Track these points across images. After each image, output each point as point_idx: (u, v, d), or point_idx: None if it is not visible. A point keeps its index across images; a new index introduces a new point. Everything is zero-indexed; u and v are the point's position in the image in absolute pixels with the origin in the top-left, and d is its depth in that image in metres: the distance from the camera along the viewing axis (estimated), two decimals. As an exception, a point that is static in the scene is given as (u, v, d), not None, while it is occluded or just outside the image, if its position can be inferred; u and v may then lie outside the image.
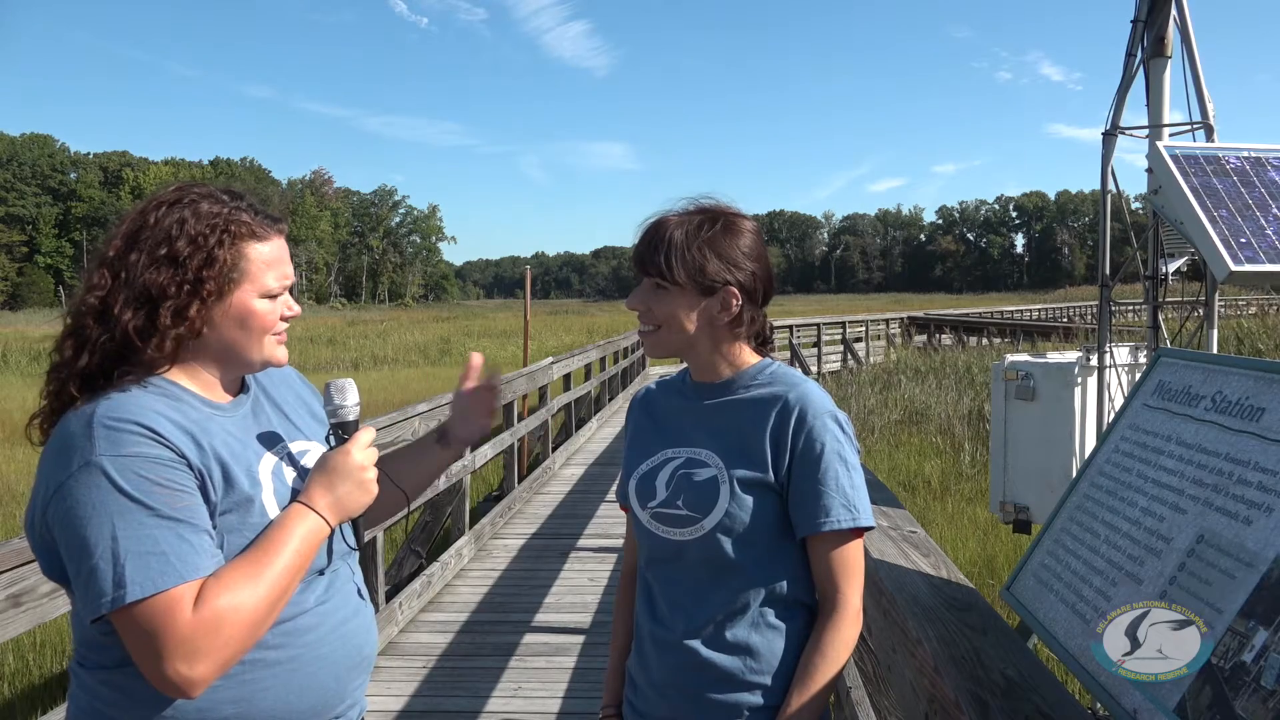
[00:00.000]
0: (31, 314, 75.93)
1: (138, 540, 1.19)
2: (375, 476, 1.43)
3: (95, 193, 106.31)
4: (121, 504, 1.20)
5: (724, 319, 1.52)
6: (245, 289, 1.36)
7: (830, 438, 1.48)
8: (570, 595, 5.57)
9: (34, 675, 5.07)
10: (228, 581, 1.23)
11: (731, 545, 1.47)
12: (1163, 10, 5.32)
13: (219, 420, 1.36)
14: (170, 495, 1.23)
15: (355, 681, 1.47)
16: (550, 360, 9.94)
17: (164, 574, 1.19)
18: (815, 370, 20.50)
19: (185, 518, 1.23)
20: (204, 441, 1.30)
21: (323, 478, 1.37)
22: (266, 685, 1.32)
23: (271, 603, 1.26)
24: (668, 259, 1.48)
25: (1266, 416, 1.51)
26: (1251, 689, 1.21)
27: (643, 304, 1.53)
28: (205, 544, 1.24)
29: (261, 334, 1.39)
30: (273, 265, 1.39)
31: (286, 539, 1.30)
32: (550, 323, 47.18)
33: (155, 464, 1.23)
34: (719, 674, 1.47)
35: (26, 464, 11.76)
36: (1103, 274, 5.81)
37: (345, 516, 1.40)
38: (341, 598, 1.45)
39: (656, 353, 1.56)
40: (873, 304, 79.70)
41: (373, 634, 1.53)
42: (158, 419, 1.26)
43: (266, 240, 1.39)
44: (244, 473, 1.33)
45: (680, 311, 1.50)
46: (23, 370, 26.89)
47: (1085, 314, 35.70)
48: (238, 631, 1.21)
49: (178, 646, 1.18)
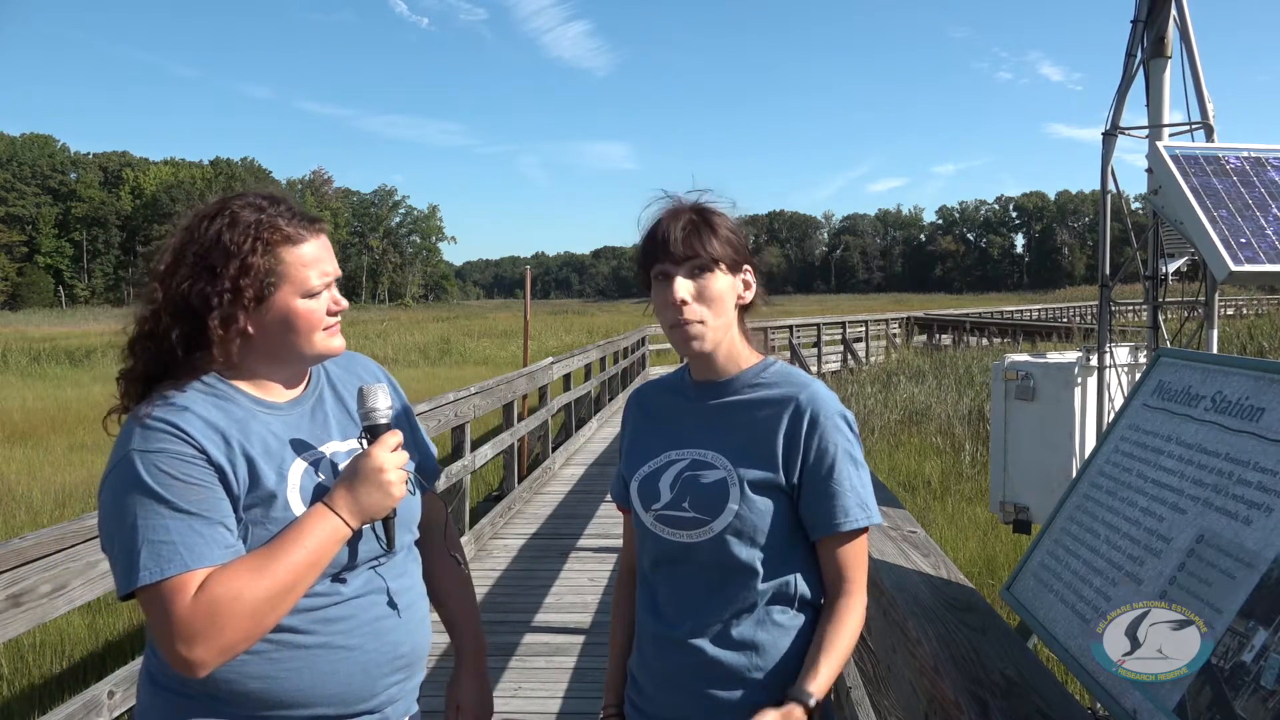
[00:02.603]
0: (31, 314, 75.96)
1: (153, 529, 1.29)
2: (401, 479, 1.44)
3: (95, 193, 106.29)
4: (143, 495, 1.30)
5: (748, 298, 1.54)
6: (286, 291, 1.42)
7: (841, 438, 1.49)
8: (570, 595, 5.57)
9: (34, 675, 5.07)
10: (232, 573, 1.30)
11: (740, 546, 1.46)
12: (1163, 10, 5.31)
13: (264, 419, 1.44)
14: (186, 489, 1.31)
15: (390, 679, 1.49)
16: (550, 360, 9.94)
17: (170, 562, 1.28)
18: (815, 370, 20.50)
19: (198, 511, 1.31)
20: (234, 439, 1.38)
21: (345, 480, 1.42)
22: (291, 666, 1.39)
23: (274, 595, 1.32)
24: (703, 238, 1.46)
25: (1266, 416, 1.51)
26: (1251, 689, 1.21)
27: (688, 293, 1.47)
28: (217, 535, 1.32)
29: (309, 332, 1.45)
30: (311, 264, 1.44)
31: (300, 537, 1.35)
32: (550, 323, 47.16)
33: (176, 459, 1.32)
34: (724, 671, 1.47)
35: (26, 464, 11.76)
36: (1103, 274, 5.81)
37: (367, 518, 1.42)
38: (384, 595, 1.49)
39: (709, 346, 1.50)
40: (873, 304, 79.71)
41: (416, 636, 1.55)
42: (190, 418, 1.36)
43: (303, 241, 1.44)
44: (273, 470, 1.39)
45: (724, 293, 1.49)
46: (23, 370, 26.85)
47: (1085, 314, 35.71)
48: (235, 620, 1.28)
49: (178, 629, 1.27)
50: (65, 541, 2.33)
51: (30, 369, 27.01)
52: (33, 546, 2.23)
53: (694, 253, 1.46)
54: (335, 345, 1.49)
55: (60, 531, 2.35)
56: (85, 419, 15.93)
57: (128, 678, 2.61)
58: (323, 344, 1.47)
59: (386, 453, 1.44)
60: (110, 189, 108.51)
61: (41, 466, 11.56)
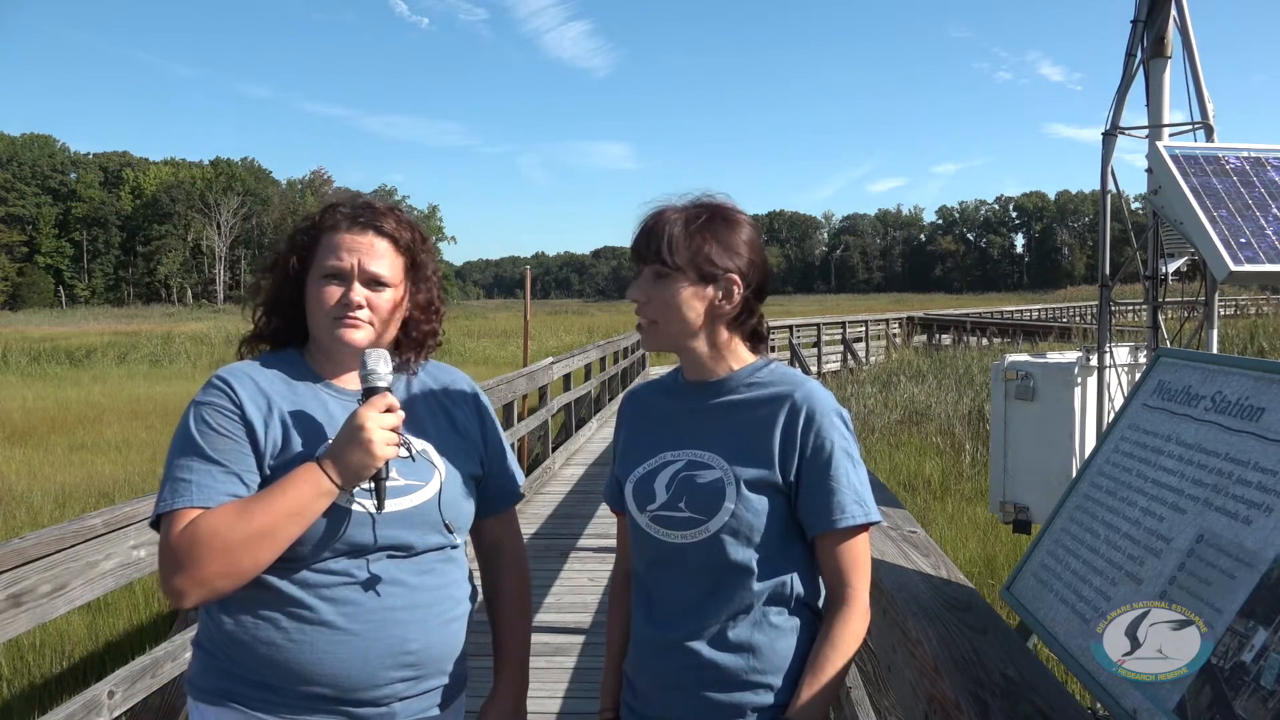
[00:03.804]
0: (31, 314, 75.95)
1: (180, 468, 1.44)
2: (386, 441, 1.45)
3: (95, 193, 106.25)
4: (184, 438, 1.47)
5: (726, 309, 1.50)
6: (313, 271, 1.55)
7: (838, 435, 1.48)
8: (570, 595, 5.57)
9: (34, 675, 5.07)
10: (219, 513, 1.41)
11: (736, 546, 1.46)
12: (1163, 10, 5.31)
13: (324, 397, 1.56)
14: (216, 439, 1.45)
15: (393, 674, 1.49)
16: (550, 360, 9.94)
17: (180, 497, 1.42)
18: (815, 370, 20.49)
19: (220, 459, 1.44)
20: (276, 404, 1.51)
21: (335, 439, 1.47)
22: (295, 638, 1.45)
23: (250, 537, 1.39)
24: (670, 243, 1.46)
25: (1266, 416, 1.51)
26: (1251, 689, 1.21)
27: (643, 293, 1.50)
28: (229, 484, 1.44)
29: (318, 312, 1.54)
30: (334, 249, 1.54)
31: (284, 487, 1.43)
32: (550, 323, 47.17)
33: (217, 412, 1.47)
34: (721, 674, 1.47)
35: (26, 464, 11.76)
36: (1103, 274, 5.81)
37: (351, 475, 1.44)
38: (401, 588, 1.50)
39: (655, 345, 1.53)
40: (873, 304, 79.67)
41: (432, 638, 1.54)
42: (243, 378, 1.52)
43: (340, 231, 1.55)
44: (305, 442, 1.49)
45: (682, 300, 1.48)
46: (23, 370, 26.85)
47: (1085, 314, 35.70)
48: (210, 554, 1.38)
49: (164, 557, 1.41)
50: (65, 541, 2.33)
51: (30, 369, 27.01)
52: (33, 546, 2.23)
53: (645, 257, 1.49)
54: (345, 335, 1.53)
55: (60, 531, 2.35)
56: (85, 419, 15.94)
57: (128, 678, 2.61)
58: (330, 328, 1.53)
59: (373, 413, 1.45)
60: (110, 189, 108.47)
61: (41, 466, 11.55)
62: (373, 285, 1.54)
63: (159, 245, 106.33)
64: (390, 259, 1.56)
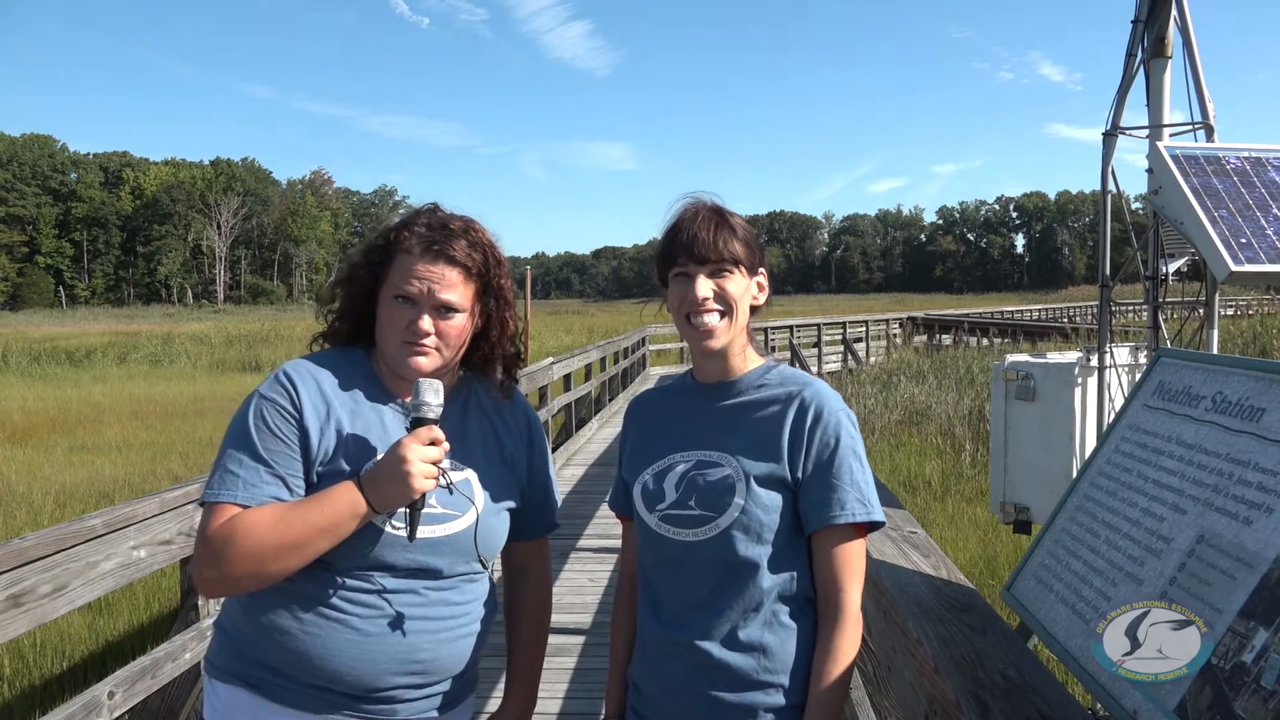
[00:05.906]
0: (31, 314, 76.00)
1: (232, 459, 1.48)
2: (424, 474, 1.45)
3: (95, 193, 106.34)
4: (241, 429, 1.50)
5: (759, 301, 1.58)
6: (385, 289, 1.57)
7: (845, 433, 1.50)
8: (570, 595, 5.57)
9: (34, 675, 5.07)
10: (257, 515, 1.44)
11: (746, 542, 1.46)
12: (1163, 10, 5.31)
13: (382, 409, 1.58)
14: (268, 438, 1.48)
15: (398, 679, 1.52)
16: (551, 360, 9.94)
17: (226, 490, 1.46)
18: (816, 370, 20.50)
19: (269, 459, 1.48)
20: (335, 412, 1.53)
21: (377, 464, 1.49)
22: (309, 630, 1.49)
23: (281, 545, 1.42)
24: (729, 241, 1.51)
25: (1266, 417, 1.51)
26: (1251, 689, 1.21)
27: (713, 290, 1.52)
28: (274, 485, 1.47)
29: (386, 331, 1.56)
30: (407, 273, 1.54)
31: (320, 502, 1.45)
32: (550, 323, 47.18)
33: (274, 409, 1.50)
34: (733, 675, 1.47)
35: (26, 464, 11.76)
36: (1103, 274, 5.81)
37: (387, 503, 1.46)
38: (420, 602, 1.53)
39: (723, 340, 1.54)
40: (873, 304, 79.72)
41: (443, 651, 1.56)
42: (307, 379, 1.54)
43: (415, 255, 1.55)
44: (355, 456, 1.51)
45: (742, 294, 1.54)
46: (23, 370, 26.85)
47: (1085, 314, 35.72)
48: (240, 554, 1.41)
49: (201, 547, 1.45)
50: (65, 541, 2.33)
51: (30, 369, 27.02)
52: (33, 546, 2.23)
53: (717, 255, 1.50)
54: (413, 362, 1.54)
55: (60, 531, 2.35)
56: (85, 419, 15.94)
57: (128, 678, 2.61)
58: (398, 352, 1.54)
59: (417, 445, 1.46)
60: (110, 189, 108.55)
61: (41, 467, 11.56)
62: (442, 313, 1.55)
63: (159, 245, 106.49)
64: (461, 287, 1.57)
